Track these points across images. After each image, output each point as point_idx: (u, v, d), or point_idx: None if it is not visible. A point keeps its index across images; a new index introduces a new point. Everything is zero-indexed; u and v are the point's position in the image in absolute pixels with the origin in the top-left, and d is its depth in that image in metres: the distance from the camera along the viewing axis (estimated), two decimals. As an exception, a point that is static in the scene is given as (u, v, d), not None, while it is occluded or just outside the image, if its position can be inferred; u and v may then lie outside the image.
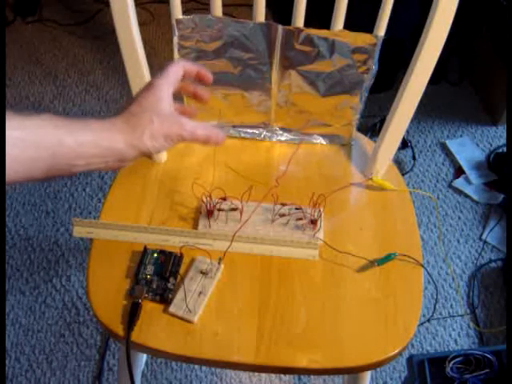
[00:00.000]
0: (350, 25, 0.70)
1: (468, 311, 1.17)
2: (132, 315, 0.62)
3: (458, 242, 1.29)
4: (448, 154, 1.45)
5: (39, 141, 0.50)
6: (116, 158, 0.56)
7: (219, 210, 0.71)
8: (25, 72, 1.64)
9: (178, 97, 0.64)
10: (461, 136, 1.50)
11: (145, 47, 0.70)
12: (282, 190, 0.73)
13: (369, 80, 0.74)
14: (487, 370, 0.91)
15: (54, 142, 0.51)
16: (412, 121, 0.72)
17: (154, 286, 0.65)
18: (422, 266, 0.69)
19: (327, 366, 0.61)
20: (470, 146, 1.47)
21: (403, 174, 1.39)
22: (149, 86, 0.60)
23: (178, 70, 0.62)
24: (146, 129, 0.57)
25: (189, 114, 0.69)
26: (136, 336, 0.62)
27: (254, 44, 0.71)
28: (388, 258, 0.68)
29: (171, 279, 0.65)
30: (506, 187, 1.34)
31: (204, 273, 0.66)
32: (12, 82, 1.61)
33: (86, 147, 0.53)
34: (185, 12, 0.69)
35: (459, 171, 1.41)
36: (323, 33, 0.69)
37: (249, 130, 0.82)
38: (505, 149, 1.45)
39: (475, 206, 1.35)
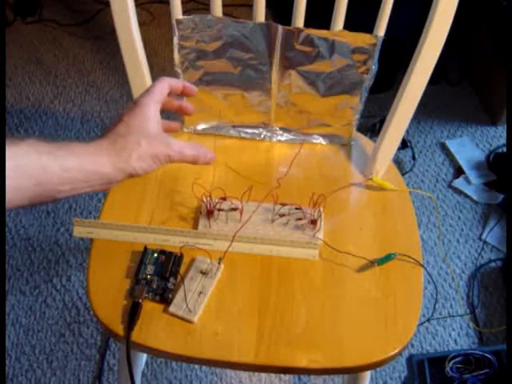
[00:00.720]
0: (349, 25, 0.70)
1: (468, 311, 1.17)
2: (132, 315, 0.62)
3: (458, 241, 1.29)
4: (448, 154, 1.46)
5: (24, 170, 0.49)
6: (102, 181, 0.55)
7: (219, 210, 0.71)
8: (25, 72, 1.65)
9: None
10: (460, 136, 1.50)
11: (145, 47, 0.70)
12: (282, 189, 0.73)
13: (369, 80, 0.74)
14: (487, 370, 0.91)
15: (38, 170, 0.50)
16: (412, 121, 0.72)
17: (154, 286, 0.65)
18: (422, 265, 0.69)
19: (327, 366, 0.61)
20: (469, 146, 1.47)
21: (403, 174, 1.40)
22: (135, 105, 0.59)
23: (163, 86, 0.62)
24: (134, 151, 0.56)
25: (173, 129, 0.69)
26: (136, 336, 0.62)
27: (253, 44, 0.71)
28: (388, 257, 0.68)
29: (171, 279, 0.65)
30: (506, 187, 1.34)
31: (204, 273, 0.66)
32: (12, 82, 1.61)
33: (71, 172, 0.53)
34: (185, 12, 0.69)
35: (459, 171, 1.41)
36: (323, 33, 0.69)
37: (249, 130, 0.82)
38: (504, 149, 1.45)
39: (475, 206, 1.35)
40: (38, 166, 0.50)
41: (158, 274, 0.66)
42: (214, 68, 0.74)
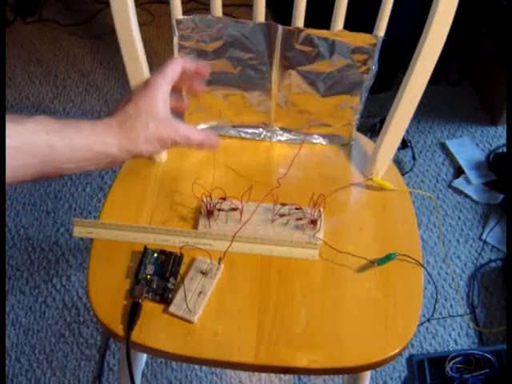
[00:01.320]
0: (350, 25, 0.70)
1: (468, 311, 1.17)
2: (132, 315, 0.62)
3: (458, 241, 1.29)
4: (448, 154, 1.45)
5: (31, 148, 0.50)
6: (108, 160, 0.56)
7: (219, 210, 0.71)
8: (25, 72, 1.64)
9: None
10: (461, 136, 1.50)
11: (145, 47, 0.70)
12: (282, 189, 0.73)
13: (369, 80, 0.74)
14: (487, 370, 0.91)
15: (46, 149, 0.50)
16: (412, 121, 0.72)
17: (154, 286, 0.65)
18: (422, 265, 0.69)
19: (327, 366, 0.61)
20: (469, 146, 1.47)
21: (403, 174, 1.40)
22: (146, 85, 0.59)
23: (176, 67, 0.62)
24: (141, 133, 0.56)
25: (181, 107, 0.69)
26: (136, 336, 0.62)
27: (254, 44, 0.71)
28: (388, 257, 0.68)
29: (171, 279, 0.65)
30: (506, 187, 1.34)
31: (204, 273, 0.66)
32: (12, 82, 1.61)
33: (78, 152, 0.53)
34: (185, 12, 0.69)
35: (459, 171, 1.41)
36: (323, 33, 0.69)
37: (249, 130, 0.82)
38: (505, 149, 1.45)
39: (475, 206, 1.35)
40: (46, 146, 0.50)
41: (158, 274, 0.66)
42: (214, 68, 0.74)
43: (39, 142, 0.50)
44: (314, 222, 0.70)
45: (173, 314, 0.63)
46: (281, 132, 0.82)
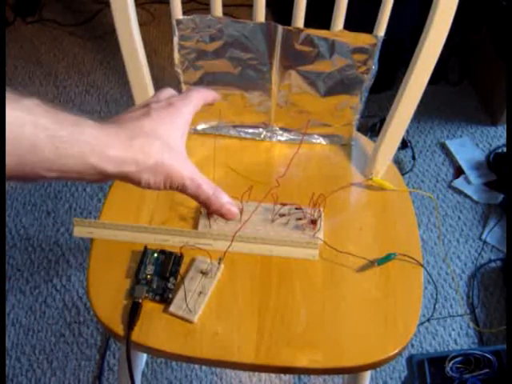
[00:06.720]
0: (350, 25, 0.70)
1: (468, 311, 1.17)
2: (132, 315, 0.62)
3: (458, 242, 1.29)
4: (448, 154, 1.46)
5: (9, 141, 0.37)
6: (98, 177, 0.44)
7: (219, 209, 0.71)
8: (25, 72, 1.64)
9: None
10: (461, 136, 1.50)
11: (145, 47, 0.70)
12: (282, 189, 0.73)
13: (369, 80, 0.74)
14: (487, 370, 0.91)
15: (26, 149, 0.38)
16: (412, 121, 0.72)
17: (154, 286, 0.65)
18: (422, 265, 0.69)
19: (327, 366, 0.61)
20: (469, 146, 1.47)
21: (403, 174, 1.40)
22: (169, 105, 0.50)
23: (200, 101, 0.54)
24: (152, 158, 0.46)
25: (210, 100, 0.58)
26: (136, 336, 0.62)
27: (254, 44, 0.71)
28: (388, 258, 0.68)
29: (171, 279, 0.65)
30: (506, 187, 1.34)
31: (204, 273, 0.66)
32: (12, 82, 1.61)
33: (67, 161, 0.41)
34: (185, 12, 0.69)
35: (459, 171, 1.41)
36: (323, 33, 0.69)
37: (249, 130, 0.82)
38: (505, 149, 1.45)
39: (475, 206, 1.35)
40: (28, 144, 0.38)
41: (158, 274, 0.66)
42: (214, 68, 0.74)
43: (22, 138, 0.38)
44: (314, 222, 0.70)
45: (173, 314, 0.63)
46: (281, 132, 0.82)
